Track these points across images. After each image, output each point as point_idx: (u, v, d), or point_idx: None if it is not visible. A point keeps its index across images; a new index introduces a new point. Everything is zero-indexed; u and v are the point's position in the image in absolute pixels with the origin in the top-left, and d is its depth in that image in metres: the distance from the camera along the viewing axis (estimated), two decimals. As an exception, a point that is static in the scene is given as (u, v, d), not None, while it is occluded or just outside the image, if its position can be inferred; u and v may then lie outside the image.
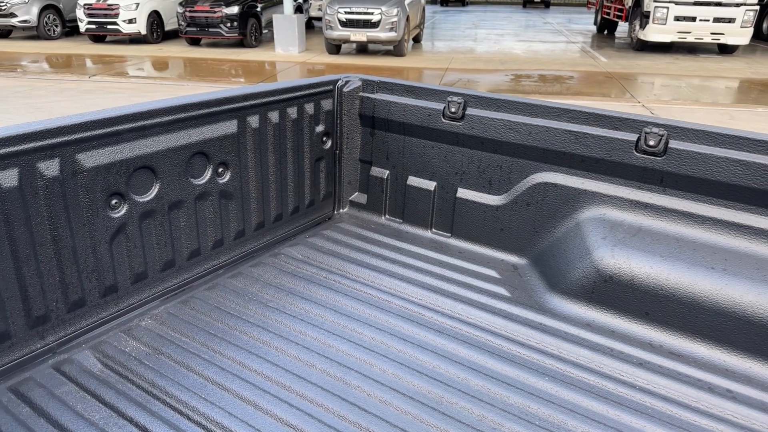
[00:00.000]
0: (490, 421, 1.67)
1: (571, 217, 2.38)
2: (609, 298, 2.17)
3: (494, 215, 2.59)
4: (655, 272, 2.08)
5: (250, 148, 2.42)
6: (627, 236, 2.20)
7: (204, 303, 2.18)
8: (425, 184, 2.77)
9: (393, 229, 2.88)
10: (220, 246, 2.42)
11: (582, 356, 1.98)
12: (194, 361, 1.85)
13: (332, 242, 2.70)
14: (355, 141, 2.94)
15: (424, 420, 1.66)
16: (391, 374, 1.85)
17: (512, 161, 2.49)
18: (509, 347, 2.01)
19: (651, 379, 1.87)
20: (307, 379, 1.80)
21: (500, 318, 2.17)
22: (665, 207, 2.18)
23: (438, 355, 1.95)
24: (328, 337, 2.01)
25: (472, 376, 1.85)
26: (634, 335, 2.10)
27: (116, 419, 1.62)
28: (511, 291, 2.36)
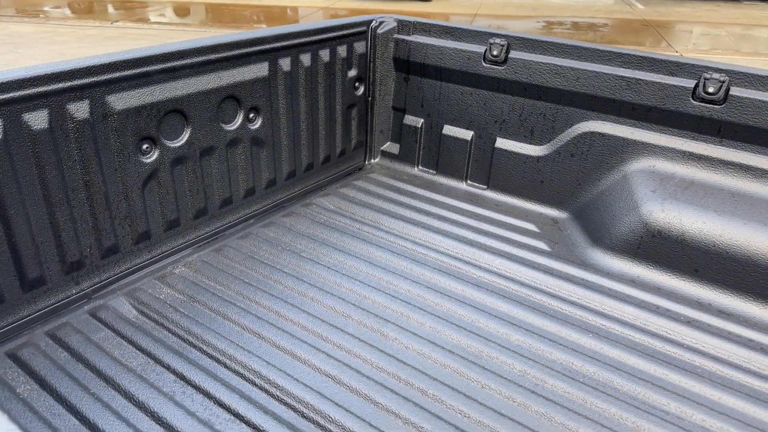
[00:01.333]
0: (532, 377, 1.62)
1: (618, 169, 2.26)
2: (656, 254, 2.07)
3: (535, 166, 2.48)
4: (708, 228, 1.97)
5: (282, 93, 2.32)
6: (678, 190, 2.08)
7: (237, 252, 2.14)
8: (462, 134, 2.65)
9: (426, 181, 2.79)
10: (252, 195, 2.36)
11: (626, 313, 1.90)
12: (230, 310, 1.83)
13: (364, 193, 2.63)
14: (388, 87, 2.81)
15: (464, 374, 1.62)
16: (429, 327, 1.80)
17: (557, 109, 2.36)
18: (550, 302, 1.95)
19: (699, 337, 1.80)
20: (343, 330, 1.77)
21: (540, 273, 2.09)
22: (721, 159, 2.04)
23: (476, 309, 1.89)
24: (364, 288, 1.97)
25: (512, 330, 1.80)
26: (682, 293, 2.01)
27: (153, 366, 1.61)
28: (551, 245, 2.27)
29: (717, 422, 1.49)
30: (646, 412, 1.51)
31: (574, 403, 1.54)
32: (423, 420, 1.46)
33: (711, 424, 1.49)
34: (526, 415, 1.50)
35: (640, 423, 1.48)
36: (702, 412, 1.52)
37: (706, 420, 1.50)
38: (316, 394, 1.53)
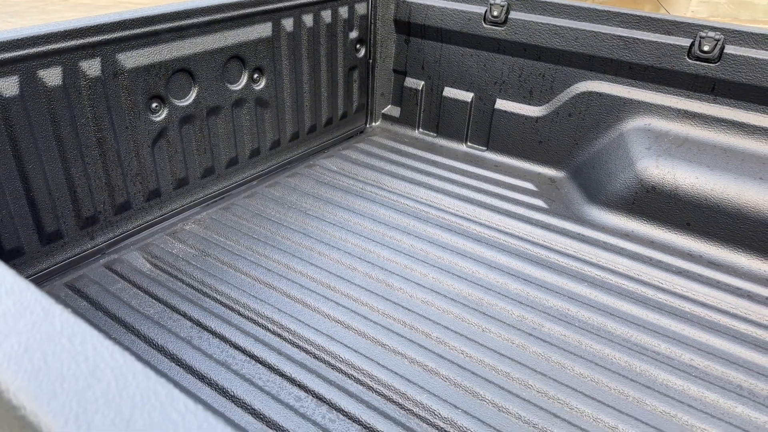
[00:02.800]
0: (529, 321, 1.71)
1: (615, 128, 2.32)
2: (650, 209, 2.15)
3: (533, 127, 2.54)
4: (701, 183, 2.05)
5: (285, 54, 2.36)
6: (673, 146, 2.14)
7: (245, 210, 2.21)
8: (462, 96, 2.70)
9: (427, 143, 2.84)
10: (257, 155, 2.42)
11: (620, 264, 1.99)
12: (241, 263, 1.90)
13: (366, 155, 2.68)
14: (389, 49, 2.84)
15: (466, 319, 1.71)
16: (432, 278, 1.88)
17: (556, 69, 2.40)
18: (547, 255, 2.02)
19: (690, 286, 1.89)
20: (350, 281, 1.84)
21: (538, 228, 2.17)
22: (715, 116, 2.10)
23: (477, 261, 1.97)
24: (369, 243, 2.04)
25: (511, 281, 1.88)
26: (674, 245, 2.09)
27: (170, 314, 1.69)
28: (548, 203, 2.35)
29: (704, 361, 1.58)
30: (637, 353, 1.60)
31: (569, 345, 1.63)
32: (427, 359, 1.55)
33: (698, 363, 1.58)
34: (524, 355, 1.59)
35: (632, 362, 1.57)
36: (690, 352, 1.61)
37: (693, 359, 1.59)
38: (326, 337, 1.61)
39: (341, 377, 1.50)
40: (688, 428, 1.39)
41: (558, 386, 1.49)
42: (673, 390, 1.50)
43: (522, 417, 1.40)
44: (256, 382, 1.48)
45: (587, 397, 1.46)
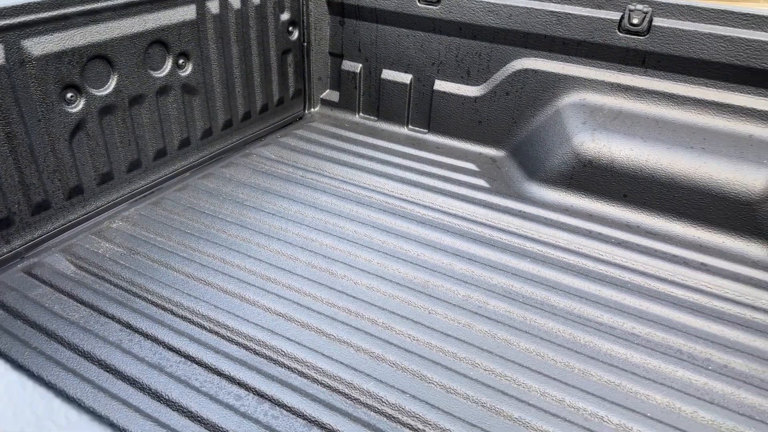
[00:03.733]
0: (475, 300, 1.70)
1: (551, 105, 2.33)
2: (588, 183, 2.18)
3: (472, 107, 2.52)
4: (635, 154, 2.08)
5: (212, 38, 2.24)
6: (607, 120, 2.17)
7: (176, 204, 2.09)
8: (401, 77, 2.65)
9: (368, 127, 2.79)
10: (187, 146, 2.30)
11: (561, 239, 2.00)
12: (173, 259, 1.80)
13: (305, 141, 2.60)
14: (323, 31, 2.76)
15: (412, 302, 1.67)
16: (377, 263, 1.84)
17: (491, 48, 2.39)
18: (491, 234, 2.02)
19: (629, 256, 1.92)
20: (292, 272, 1.78)
21: (481, 207, 2.16)
22: (646, 89, 2.14)
23: (421, 244, 1.94)
24: (310, 232, 1.97)
25: (456, 261, 1.86)
26: (612, 217, 2.13)
27: (97, 317, 1.57)
28: (490, 182, 2.34)
29: (645, 328, 1.61)
30: (581, 325, 1.62)
31: (514, 321, 1.63)
32: (374, 346, 1.51)
33: (640, 331, 1.61)
34: (470, 334, 1.57)
35: (576, 334, 1.58)
36: (632, 320, 1.64)
37: (635, 327, 1.62)
38: (267, 331, 1.54)
39: (284, 372, 1.44)
40: (633, 395, 1.41)
41: (505, 363, 1.48)
42: (616, 359, 1.51)
43: (470, 397, 1.38)
44: (193, 383, 1.39)
45: (534, 372, 1.46)
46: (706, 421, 1.34)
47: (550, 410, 1.35)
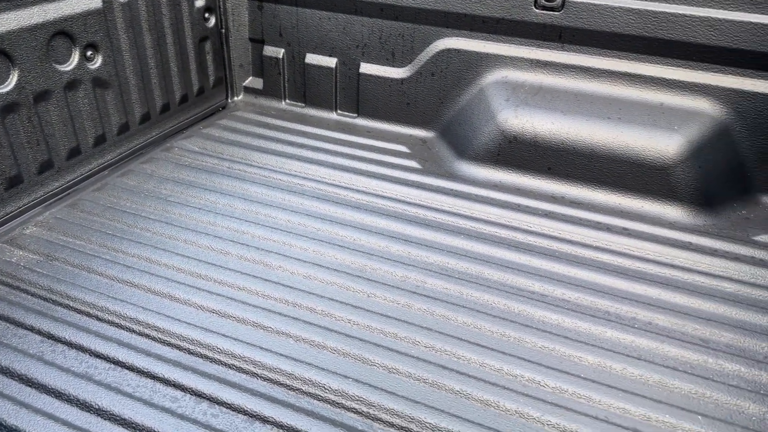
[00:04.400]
0: (413, 280, 1.71)
1: (475, 83, 2.36)
2: (514, 158, 2.23)
3: (400, 89, 2.52)
4: (557, 128, 2.15)
5: (122, 27, 2.11)
6: (529, 96, 2.23)
7: (95, 204, 1.97)
8: (325, 62, 2.61)
9: (295, 114, 2.73)
10: (103, 143, 2.17)
11: (492, 214, 2.04)
12: (94, 263, 1.70)
13: (230, 131, 2.52)
14: (242, 17, 2.67)
15: (350, 287, 1.66)
16: (312, 251, 1.81)
17: (414, 28, 2.39)
18: (425, 214, 2.03)
19: (556, 226, 1.99)
20: (223, 266, 1.72)
21: (414, 189, 2.17)
22: (564, 63, 2.21)
23: (357, 228, 1.93)
24: (241, 224, 1.92)
25: (392, 243, 1.86)
26: (539, 190, 2.20)
27: (14, 330, 1.46)
28: (422, 163, 2.35)
29: (574, 294, 1.68)
30: (514, 295, 1.66)
31: (451, 297, 1.65)
32: (313, 334, 1.49)
33: (570, 296, 1.67)
34: (410, 313, 1.58)
35: (510, 304, 1.62)
36: (561, 287, 1.70)
37: (565, 293, 1.68)
38: (201, 329, 1.49)
39: (221, 369, 1.40)
40: (566, 358, 1.46)
41: (444, 338, 1.50)
42: (549, 325, 1.57)
43: (412, 374, 1.39)
44: (124, 389, 1.33)
45: (472, 344, 1.48)
46: (635, 376, 1.42)
47: (490, 380, 1.39)
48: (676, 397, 1.37)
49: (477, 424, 1.27)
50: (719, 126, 2.06)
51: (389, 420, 1.28)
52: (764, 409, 1.34)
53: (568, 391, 1.37)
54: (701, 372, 1.43)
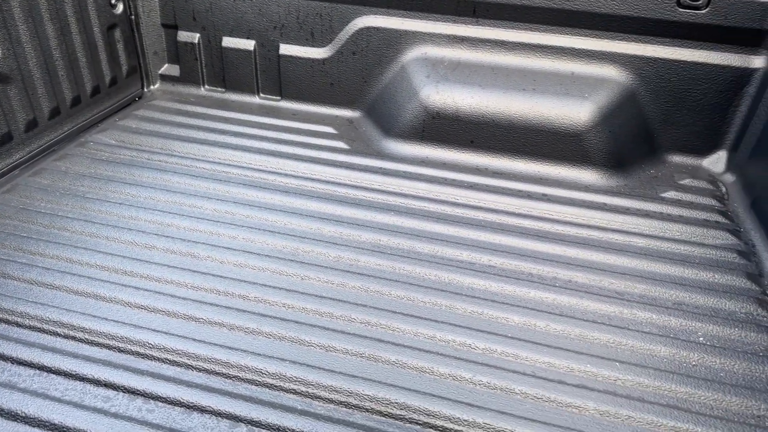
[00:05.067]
0: (346, 260, 1.73)
1: (397, 61, 2.38)
2: (438, 134, 2.28)
3: (322, 69, 2.50)
4: (476, 102, 2.21)
5: (19, 17, 1.98)
6: (448, 71, 2.28)
7: (6, 207, 1.86)
8: (243, 44, 2.55)
9: (216, 100, 2.66)
10: (9, 141, 2.04)
11: (420, 189, 2.09)
12: (10, 268, 1.61)
13: (149, 122, 2.43)
14: (152, 2, 2.56)
15: (283, 272, 1.66)
16: (242, 239, 1.80)
17: (331, 7, 2.37)
18: (355, 194, 2.05)
19: (481, 197, 2.06)
20: (149, 261, 1.68)
21: (342, 169, 2.18)
22: (479, 38, 2.27)
23: (287, 213, 1.93)
24: (165, 216, 1.87)
25: (324, 225, 1.87)
26: (464, 163, 2.26)
27: None
28: (349, 143, 2.36)
29: (499, 259, 1.75)
30: (444, 265, 1.72)
31: (384, 273, 1.69)
32: (248, 321, 1.48)
33: (496, 262, 1.74)
34: (344, 292, 1.60)
35: (440, 274, 1.68)
36: (488, 254, 1.77)
37: (491, 260, 1.75)
38: (130, 326, 1.45)
39: (154, 364, 1.37)
40: (494, 320, 1.53)
41: (379, 313, 1.54)
42: (477, 291, 1.63)
43: (349, 350, 1.42)
44: (52, 394, 1.28)
45: (406, 316, 1.53)
46: (557, 332, 1.51)
47: (423, 348, 1.44)
48: (596, 347, 1.47)
49: (413, 391, 1.32)
50: (626, 91, 2.19)
51: (328, 396, 1.31)
52: (674, 351, 1.46)
53: (497, 351, 1.44)
54: (617, 322, 1.54)
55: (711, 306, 1.61)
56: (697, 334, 1.52)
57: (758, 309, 1.59)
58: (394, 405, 1.29)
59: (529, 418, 1.27)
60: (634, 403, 1.31)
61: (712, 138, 2.23)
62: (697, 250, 1.81)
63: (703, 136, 2.24)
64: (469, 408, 1.29)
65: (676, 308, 1.60)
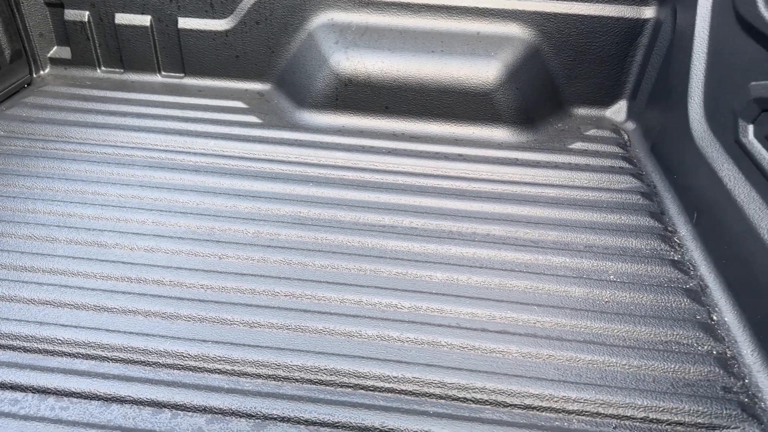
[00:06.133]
0: (266, 234, 1.69)
1: (303, 29, 2.32)
2: (352, 101, 2.25)
3: (225, 42, 2.40)
4: (387, 66, 2.20)
5: None
6: (356, 37, 2.24)
7: None
8: (139, 20, 2.39)
9: (115, 82, 2.50)
10: None
11: (339, 158, 2.06)
12: None
13: (40, 109, 2.24)
14: None
15: (199, 252, 1.60)
16: (152, 223, 1.71)
17: (228, -25, 2.27)
18: (271, 167, 2.00)
19: (399, 161, 2.06)
20: (51, 254, 1.56)
21: (256, 144, 2.11)
22: (385, 1, 2.24)
23: (200, 192, 1.85)
24: (66, 206, 1.74)
25: (240, 201, 1.81)
26: (380, 129, 2.25)
27: None
28: (261, 117, 2.29)
29: (420, 220, 1.77)
30: (367, 231, 1.71)
31: (307, 244, 1.66)
32: (164, 306, 1.42)
33: (417, 224, 1.76)
34: (265, 267, 1.56)
35: (363, 240, 1.67)
36: (409, 216, 1.78)
37: (413, 221, 1.76)
38: (34, 324, 1.35)
39: (65, 360, 1.29)
40: (418, 279, 1.55)
41: (303, 284, 1.51)
42: (401, 252, 1.64)
43: (274, 324, 1.39)
44: (-51, 406, 1.18)
45: (331, 284, 1.52)
46: (478, 283, 1.55)
47: (350, 313, 1.43)
48: (515, 294, 1.52)
49: (342, 355, 1.32)
50: (529, 48, 2.24)
51: (255, 372, 1.28)
52: (587, 290, 1.54)
53: (422, 308, 1.46)
54: (534, 269, 1.60)
55: (619, 246, 1.70)
56: (608, 273, 1.60)
57: (661, 245, 1.70)
58: (323, 371, 1.29)
59: (456, 367, 1.30)
60: (553, 343, 1.38)
61: (612, 89, 2.34)
62: (604, 195, 1.91)
63: (604, 88, 2.34)
64: (398, 365, 1.30)
65: (587, 251, 1.68)
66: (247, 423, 1.18)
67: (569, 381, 1.29)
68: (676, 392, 1.27)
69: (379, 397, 1.25)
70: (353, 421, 1.18)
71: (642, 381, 1.30)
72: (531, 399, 1.25)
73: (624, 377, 1.31)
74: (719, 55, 1.76)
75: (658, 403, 1.24)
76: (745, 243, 1.46)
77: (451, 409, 1.23)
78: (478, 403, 1.25)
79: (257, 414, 1.19)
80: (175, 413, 1.19)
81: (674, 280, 1.58)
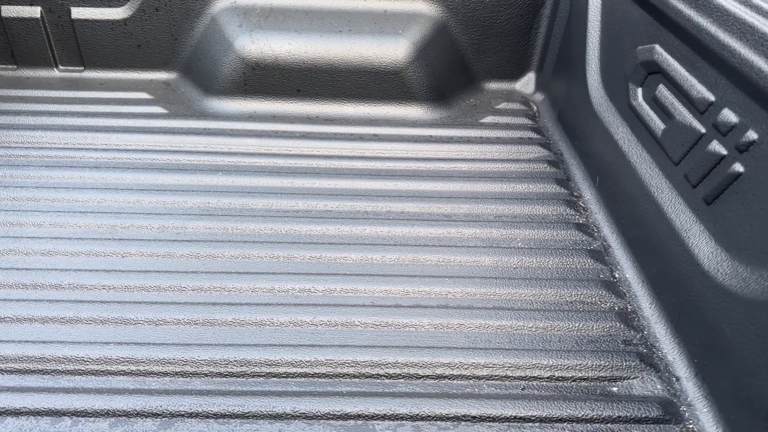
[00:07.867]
0: (171, 228, 1.63)
1: (205, 13, 2.23)
2: (262, 85, 2.20)
3: (125, 31, 2.28)
4: (294, 48, 2.15)
5: None
6: (261, 19, 2.18)
7: None
8: (28, 12, 2.23)
9: (7, 79, 2.33)
10: None
11: (250, 145, 2.01)
12: None
13: None
14: None
15: (99, 252, 1.53)
16: (49, 225, 1.61)
17: (119, -41, 2.15)
18: (178, 159, 1.92)
19: (313, 145, 2.03)
20: None
21: (162, 135, 2.03)
22: None
23: (99, 189, 1.76)
24: None
25: (143, 196, 1.74)
26: (293, 113, 2.21)
27: None
28: (168, 107, 2.20)
29: (335, 203, 1.75)
30: (280, 218, 1.68)
31: (216, 235, 1.62)
32: (63, 311, 1.35)
33: (332, 206, 1.74)
34: (171, 263, 1.51)
35: (276, 227, 1.64)
36: (324, 200, 1.76)
37: (328, 204, 1.75)
38: None
39: None
40: (333, 261, 1.54)
41: (212, 277, 1.47)
42: (315, 237, 1.63)
43: (181, 320, 1.35)
44: None
45: (242, 274, 1.48)
46: (392, 261, 1.55)
47: (262, 302, 1.41)
48: (428, 268, 1.54)
49: (253, 345, 1.30)
50: (437, 24, 2.25)
51: (162, 370, 1.24)
52: (496, 259, 1.57)
53: (336, 290, 1.45)
54: (446, 242, 1.63)
55: (527, 213, 1.75)
56: (516, 240, 1.64)
57: (567, 209, 1.76)
58: (233, 363, 1.26)
59: (369, 345, 1.31)
60: (463, 312, 1.40)
61: (520, 61, 2.38)
62: (513, 166, 1.95)
63: (513, 61, 2.38)
64: (310, 349, 1.29)
65: (497, 221, 1.71)
66: (153, 422, 1.14)
67: (479, 347, 1.31)
68: (580, 350, 1.33)
69: (292, 383, 1.24)
70: (264, 409, 1.16)
71: (548, 342, 1.34)
72: (442, 368, 1.27)
73: (531, 339, 1.35)
74: (610, 22, 1.82)
75: (563, 362, 1.29)
76: (640, 202, 1.53)
77: (364, 387, 1.24)
78: (391, 378, 1.26)
79: (163, 412, 1.15)
80: (75, 420, 1.14)
81: (579, 242, 1.64)
